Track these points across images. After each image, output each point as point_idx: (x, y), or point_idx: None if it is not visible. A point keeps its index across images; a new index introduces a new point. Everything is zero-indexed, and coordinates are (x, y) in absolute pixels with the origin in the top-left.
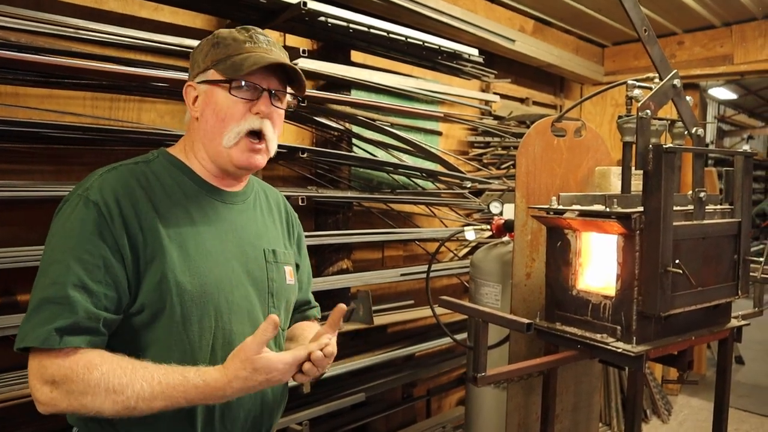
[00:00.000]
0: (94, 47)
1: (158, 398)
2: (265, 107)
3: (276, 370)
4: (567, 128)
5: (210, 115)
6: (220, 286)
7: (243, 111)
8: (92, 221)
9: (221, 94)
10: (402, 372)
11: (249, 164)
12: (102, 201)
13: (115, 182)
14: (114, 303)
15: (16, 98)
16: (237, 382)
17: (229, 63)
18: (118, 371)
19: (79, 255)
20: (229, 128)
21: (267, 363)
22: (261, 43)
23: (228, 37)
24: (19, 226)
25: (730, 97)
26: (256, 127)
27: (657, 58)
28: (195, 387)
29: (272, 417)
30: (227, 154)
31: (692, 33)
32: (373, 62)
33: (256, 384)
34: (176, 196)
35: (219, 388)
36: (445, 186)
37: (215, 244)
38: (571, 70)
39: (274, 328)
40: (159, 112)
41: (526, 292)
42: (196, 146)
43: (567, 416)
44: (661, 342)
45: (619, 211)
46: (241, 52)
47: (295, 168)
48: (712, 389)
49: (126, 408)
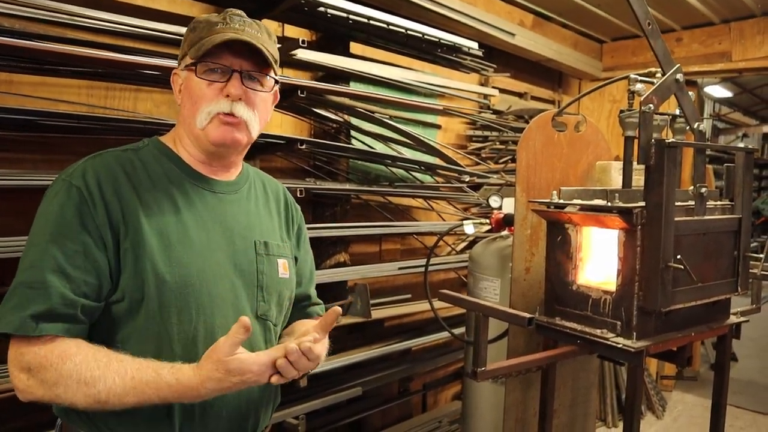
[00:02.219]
0: (90, 34)
1: (130, 394)
2: (234, 89)
3: (250, 371)
4: (567, 123)
5: (186, 99)
6: (202, 277)
7: (214, 93)
8: (73, 206)
9: (194, 78)
10: (398, 366)
11: (224, 139)
12: (84, 186)
13: (100, 167)
14: (94, 290)
15: (8, 85)
16: (210, 383)
17: (197, 45)
18: (92, 363)
19: (58, 240)
20: (201, 110)
21: (240, 365)
22: (234, 23)
23: (203, 21)
24: (9, 215)
25: (725, 95)
26: (226, 109)
27: (660, 53)
28: (168, 385)
29: (259, 415)
30: (203, 135)
31: (690, 30)
32: (372, 54)
33: (230, 385)
34: (162, 184)
35: (192, 387)
36: (443, 180)
37: (199, 235)
38: (570, 65)
39: (246, 330)
40: (155, 101)
41: (525, 286)
42: (181, 133)
43: (564, 412)
44: (661, 338)
45: (620, 206)
46: (210, 33)
47: (293, 160)
48: (706, 386)
49: (97, 401)
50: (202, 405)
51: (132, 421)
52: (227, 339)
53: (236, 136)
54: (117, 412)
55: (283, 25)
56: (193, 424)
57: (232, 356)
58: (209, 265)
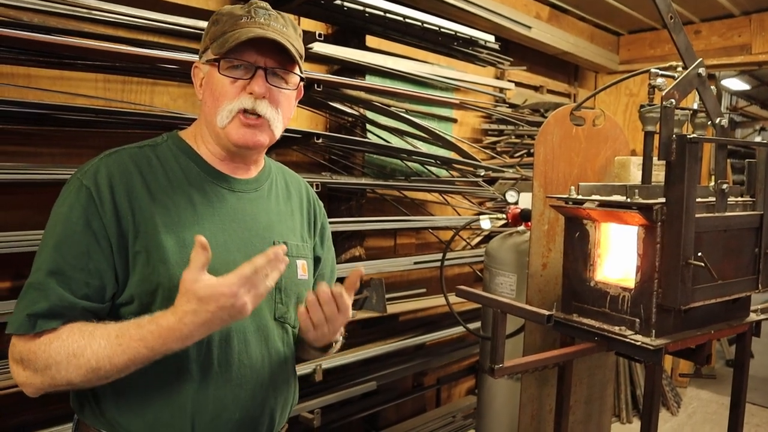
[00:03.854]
0: (107, 28)
1: (118, 353)
2: (258, 87)
3: (222, 294)
4: (586, 117)
5: (208, 95)
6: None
7: (237, 90)
8: (81, 207)
9: (215, 73)
10: (413, 361)
11: (246, 141)
12: (95, 186)
13: (114, 167)
14: (97, 291)
15: (28, 79)
16: (188, 317)
17: (220, 40)
18: (77, 335)
19: (62, 242)
20: (222, 107)
21: (209, 289)
22: (258, 17)
23: (226, 13)
24: (29, 209)
25: (743, 88)
26: (248, 107)
27: (682, 46)
28: (151, 333)
29: (275, 417)
30: (224, 134)
31: (710, 22)
32: (388, 47)
33: (210, 316)
34: (179, 183)
35: (173, 328)
36: (458, 174)
37: (217, 235)
38: (586, 59)
39: (203, 248)
40: (172, 95)
41: (542, 282)
42: (203, 129)
43: (580, 408)
44: (680, 335)
45: (640, 202)
46: (234, 28)
47: (309, 154)
48: (722, 382)
49: (90, 370)
50: (216, 406)
51: (143, 417)
52: (188, 268)
53: (258, 138)
54: (129, 404)
55: (299, 18)
56: (206, 424)
57: (199, 282)
58: (226, 265)
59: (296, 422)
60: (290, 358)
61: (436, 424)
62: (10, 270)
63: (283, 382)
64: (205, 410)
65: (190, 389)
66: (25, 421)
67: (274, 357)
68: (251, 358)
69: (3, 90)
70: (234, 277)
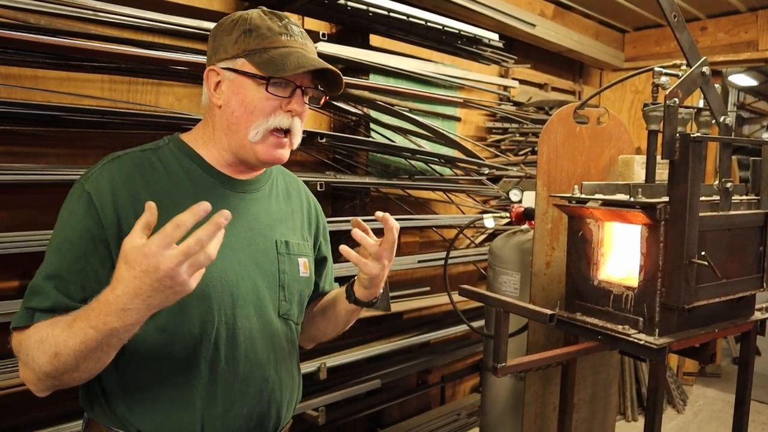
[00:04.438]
0: (113, 29)
1: (70, 336)
2: (298, 106)
3: (150, 254)
4: (589, 115)
5: (237, 106)
6: (224, 278)
7: (274, 107)
8: (81, 212)
9: (253, 87)
10: (417, 359)
11: (274, 159)
12: (96, 192)
13: (116, 172)
14: (94, 294)
15: (34, 81)
16: (119, 287)
17: (266, 57)
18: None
19: (63, 246)
20: (257, 123)
21: (134, 250)
22: (296, 36)
23: (262, 25)
24: (35, 209)
25: (750, 83)
26: (285, 125)
27: (686, 45)
28: (92, 310)
29: (281, 413)
30: (252, 148)
31: (716, 18)
32: (391, 46)
33: (138, 282)
34: (182, 185)
35: (109, 301)
36: (462, 172)
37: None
38: (591, 56)
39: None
40: (177, 95)
41: (545, 281)
42: (217, 135)
43: (584, 406)
44: (684, 334)
45: (644, 201)
46: (277, 45)
47: (313, 153)
48: (728, 379)
49: (53, 356)
50: (225, 402)
51: (153, 415)
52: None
53: (284, 156)
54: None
55: (303, 18)
56: (215, 422)
57: (129, 244)
58: (231, 265)
59: (301, 420)
60: (294, 355)
61: (441, 422)
62: (17, 270)
63: (288, 377)
64: (214, 407)
65: (199, 386)
66: (35, 418)
67: (279, 353)
68: (257, 354)
69: (11, 91)
70: (158, 236)
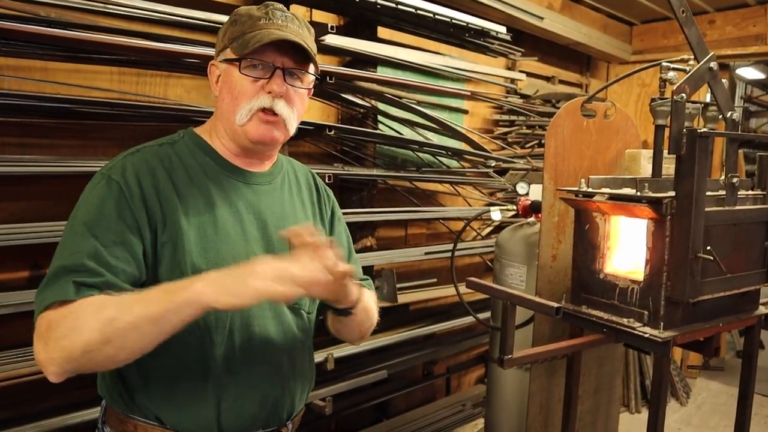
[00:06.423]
0: (123, 22)
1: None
2: (277, 86)
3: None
4: (597, 109)
5: (226, 93)
6: None
7: (255, 89)
8: (113, 199)
9: (235, 73)
10: (423, 350)
11: (264, 137)
12: (123, 180)
13: (139, 163)
14: (131, 279)
15: (44, 73)
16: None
17: (240, 41)
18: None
19: (97, 230)
20: (241, 106)
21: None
22: (276, 19)
23: (245, 14)
24: (45, 200)
25: (758, 76)
26: (267, 105)
27: (694, 40)
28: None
29: (295, 401)
30: (242, 131)
31: (724, 12)
32: (399, 39)
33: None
34: (198, 178)
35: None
36: (469, 165)
37: (235, 227)
38: (599, 49)
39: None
40: (186, 87)
41: (551, 274)
42: (218, 126)
43: (589, 398)
44: (688, 328)
45: (650, 196)
46: (253, 29)
47: (321, 145)
48: (732, 373)
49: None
50: (239, 389)
51: (172, 402)
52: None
53: (275, 134)
54: (157, 387)
55: (311, 11)
56: (230, 408)
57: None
58: (245, 256)
59: (308, 410)
60: (307, 344)
61: (446, 413)
62: (29, 260)
63: (300, 364)
64: (230, 394)
65: (215, 374)
66: (49, 406)
67: (292, 342)
68: (271, 343)
69: (21, 84)
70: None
